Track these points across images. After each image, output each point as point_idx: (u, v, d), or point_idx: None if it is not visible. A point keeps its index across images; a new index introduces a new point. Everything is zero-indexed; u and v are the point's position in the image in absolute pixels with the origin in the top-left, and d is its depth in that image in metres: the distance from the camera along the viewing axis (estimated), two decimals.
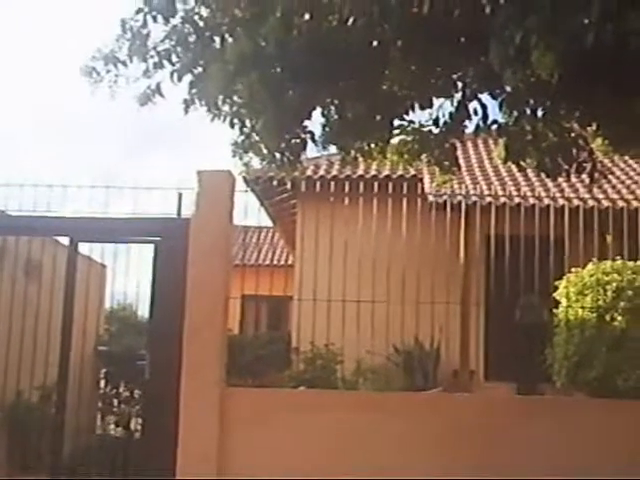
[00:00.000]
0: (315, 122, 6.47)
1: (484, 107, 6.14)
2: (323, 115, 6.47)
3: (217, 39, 5.91)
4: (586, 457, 6.93)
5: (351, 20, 5.42)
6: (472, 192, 12.60)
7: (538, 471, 6.84)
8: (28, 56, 37.84)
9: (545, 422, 7.06)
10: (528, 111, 6.17)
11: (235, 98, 6.14)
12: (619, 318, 7.68)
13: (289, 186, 14.03)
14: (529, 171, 7.85)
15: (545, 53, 4.37)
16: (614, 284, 7.87)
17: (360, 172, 14.22)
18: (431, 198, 11.68)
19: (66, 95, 32.48)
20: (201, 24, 6.01)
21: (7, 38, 36.31)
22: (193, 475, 6.79)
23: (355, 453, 6.98)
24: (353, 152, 6.96)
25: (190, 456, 6.85)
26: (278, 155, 6.58)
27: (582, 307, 7.94)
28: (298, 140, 6.51)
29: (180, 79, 6.03)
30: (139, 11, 5.93)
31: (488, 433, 7.06)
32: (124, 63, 6.12)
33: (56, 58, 39.74)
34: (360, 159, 7.27)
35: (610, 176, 13.31)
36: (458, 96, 6.23)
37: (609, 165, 13.08)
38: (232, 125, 6.35)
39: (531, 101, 6.00)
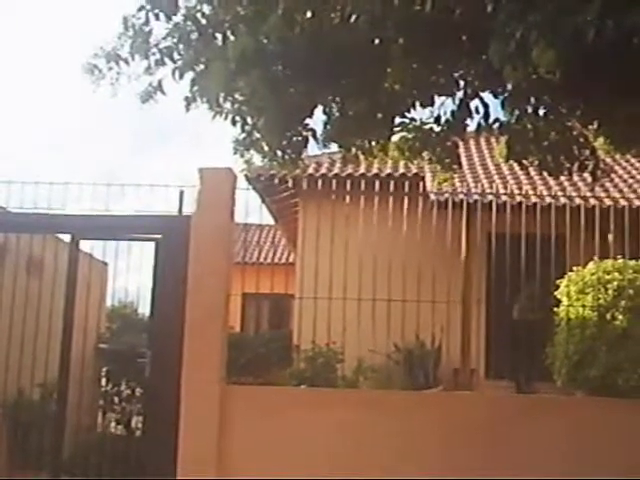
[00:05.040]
0: (317, 120, 6.48)
1: (486, 105, 6.14)
2: (324, 113, 6.47)
3: (219, 36, 5.91)
4: (586, 456, 6.93)
5: (353, 18, 5.43)
6: (474, 190, 12.61)
7: (538, 470, 6.84)
8: (30, 54, 37.87)
9: (546, 421, 7.06)
10: (530, 110, 6.17)
11: (237, 96, 6.13)
12: (620, 317, 7.68)
13: (291, 184, 14.02)
14: (531, 169, 7.83)
15: (546, 50, 4.37)
16: (615, 283, 7.87)
17: (362, 170, 14.23)
18: (433, 196, 11.67)
19: (68, 93, 32.40)
20: (203, 21, 6.00)
21: (9, 36, 36.32)
22: (194, 473, 6.79)
23: (355, 451, 6.99)
24: (354, 150, 6.95)
25: (191, 454, 6.85)
26: (280, 153, 6.58)
27: (583, 306, 7.94)
28: (300, 138, 6.51)
29: (182, 76, 6.02)
30: (141, 8, 5.93)
31: (489, 432, 7.06)
32: (126, 61, 6.11)
33: (58, 56, 39.78)
34: (361, 157, 7.26)
35: (612, 175, 13.31)
36: (460, 94, 6.22)
37: (611, 164, 13.06)
38: (234, 123, 6.35)
39: (532, 100, 6.00)
